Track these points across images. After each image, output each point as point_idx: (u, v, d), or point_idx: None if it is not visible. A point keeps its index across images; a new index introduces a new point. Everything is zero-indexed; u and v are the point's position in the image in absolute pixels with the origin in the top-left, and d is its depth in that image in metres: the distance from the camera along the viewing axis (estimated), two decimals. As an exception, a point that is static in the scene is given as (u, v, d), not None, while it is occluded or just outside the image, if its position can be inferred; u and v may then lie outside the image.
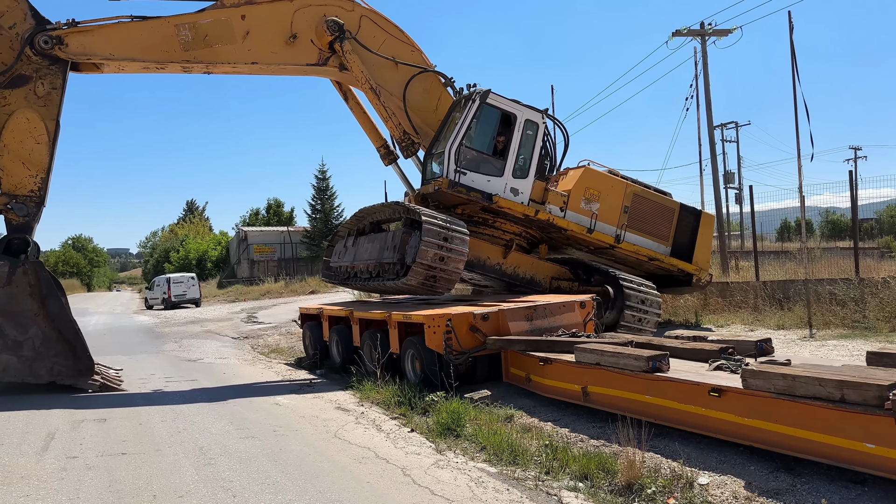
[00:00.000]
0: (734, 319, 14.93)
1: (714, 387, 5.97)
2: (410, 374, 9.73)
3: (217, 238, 70.26)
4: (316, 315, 13.62)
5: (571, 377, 7.66)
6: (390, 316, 10.22)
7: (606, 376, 7.10)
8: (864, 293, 13.34)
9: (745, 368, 5.85)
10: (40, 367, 10.34)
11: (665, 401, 6.46)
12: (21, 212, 10.65)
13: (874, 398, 4.82)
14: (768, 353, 7.20)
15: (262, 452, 6.77)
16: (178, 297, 39.56)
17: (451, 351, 8.95)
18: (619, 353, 6.97)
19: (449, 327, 9.01)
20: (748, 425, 5.70)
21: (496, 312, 9.37)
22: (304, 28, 12.10)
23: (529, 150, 12.58)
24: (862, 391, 4.89)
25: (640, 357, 6.67)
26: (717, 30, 25.66)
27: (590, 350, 7.37)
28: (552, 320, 9.57)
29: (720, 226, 23.81)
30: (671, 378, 6.42)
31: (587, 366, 7.35)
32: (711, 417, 6.02)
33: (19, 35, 10.62)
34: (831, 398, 5.07)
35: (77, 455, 6.89)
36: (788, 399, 5.34)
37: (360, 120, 14.24)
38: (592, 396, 7.33)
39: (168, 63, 11.50)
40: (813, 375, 5.25)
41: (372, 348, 10.73)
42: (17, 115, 10.62)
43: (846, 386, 4.99)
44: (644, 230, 13.75)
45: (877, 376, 5.17)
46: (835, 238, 37.78)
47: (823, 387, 5.12)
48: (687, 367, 6.84)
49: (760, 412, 5.60)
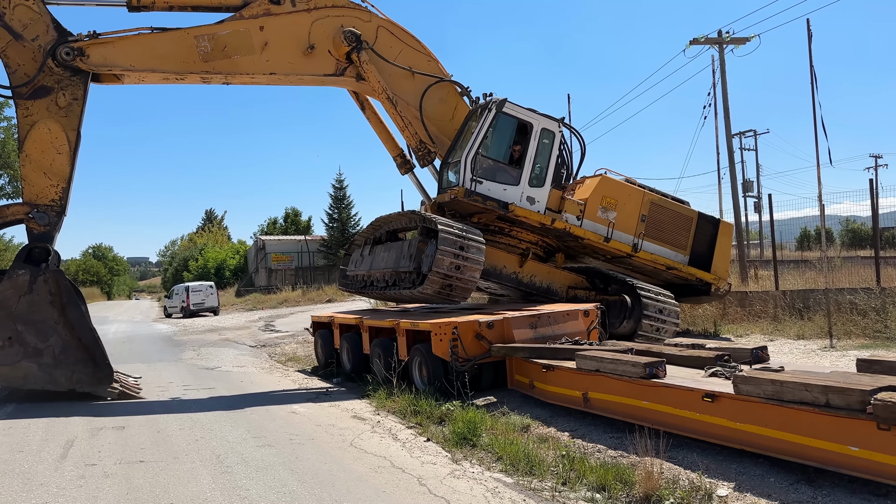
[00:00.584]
0: (754, 329, 14.77)
1: (707, 392, 6.17)
2: (418, 380, 9.85)
3: (235, 247, 70.71)
4: (327, 323, 13.78)
5: (573, 383, 7.88)
6: (398, 324, 10.39)
7: (606, 382, 7.31)
8: (886, 303, 13.15)
9: (737, 375, 6.11)
10: (60, 375, 10.44)
11: (662, 406, 6.64)
12: (42, 221, 10.79)
13: (857, 403, 5.02)
14: (763, 361, 7.35)
15: (278, 461, 6.78)
16: (196, 306, 39.83)
17: (457, 358, 9.12)
18: (617, 360, 7.18)
19: (455, 335, 9.20)
20: (740, 429, 5.88)
21: (501, 320, 9.52)
22: (321, 39, 12.21)
23: (546, 158, 12.56)
24: (845, 396, 5.10)
25: (637, 364, 6.88)
26: (735, 38, 25.52)
27: (590, 357, 7.58)
28: (556, 328, 9.75)
29: (739, 234, 23.61)
30: (667, 384, 6.63)
31: (587, 372, 7.57)
32: (705, 422, 6.20)
33: (41, 47, 10.80)
34: (817, 403, 5.28)
35: (95, 462, 6.95)
36: (777, 404, 5.55)
37: (377, 129, 14.31)
38: (592, 402, 7.54)
39: (187, 74, 11.64)
40: (800, 381, 5.46)
41: (381, 355, 10.87)
42: (38, 126, 10.78)
43: (831, 391, 5.20)
44: (662, 239, 13.66)
45: (861, 382, 5.32)
46: (855, 247, 37.29)
47: (809, 392, 5.34)
48: (683, 374, 7.03)
49: (751, 417, 5.79)
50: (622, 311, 12.50)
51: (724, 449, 6.10)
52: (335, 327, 13.19)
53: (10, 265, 10.83)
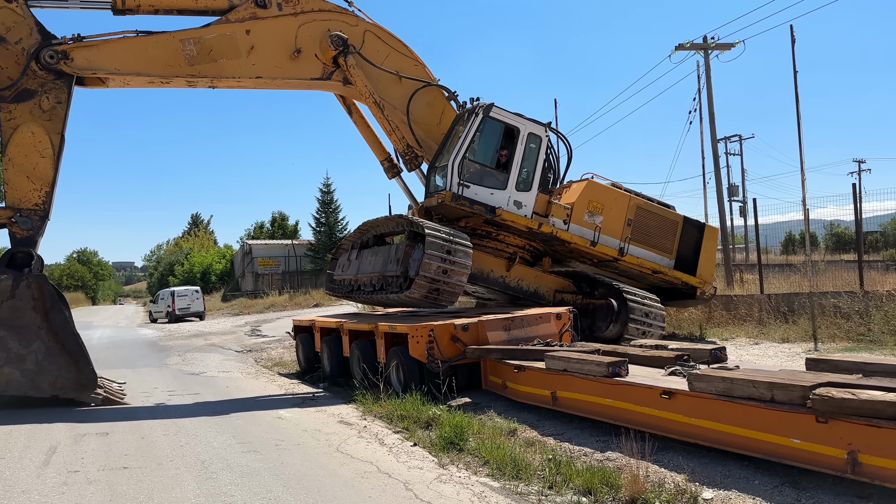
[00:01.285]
0: (739, 333, 14.86)
1: (665, 390, 6.49)
2: (395, 382, 10.05)
3: (221, 251, 70.35)
4: (308, 327, 13.96)
5: (542, 383, 8.21)
6: (377, 327, 10.69)
7: (573, 381, 7.65)
8: (869, 306, 13.28)
9: (691, 373, 6.49)
10: (43, 381, 10.33)
11: (623, 403, 6.98)
12: (25, 225, 10.69)
13: (798, 398, 5.37)
14: (722, 361, 7.63)
15: (263, 467, 6.74)
16: (182, 311, 39.57)
17: (433, 360, 9.38)
18: (583, 360, 7.52)
19: (431, 337, 9.46)
20: (695, 424, 6.21)
21: (476, 323, 9.82)
22: (308, 43, 12.18)
23: (532, 163, 12.60)
24: (788, 391, 5.45)
25: (601, 363, 7.22)
26: (720, 44, 25.71)
27: (558, 357, 7.94)
28: (529, 331, 10.07)
29: (724, 239, 23.76)
30: (629, 382, 6.96)
31: (556, 372, 7.91)
32: (663, 418, 6.51)
33: (25, 50, 10.71)
34: (763, 398, 5.62)
35: (78, 469, 6.87)
36: (728, 400, 5.88)
37: (364, 133, 14.30)
38: (561, 401, 7.86)
39: (173, 77, 11.58)
40: (747, 378, 5.81)
41: (360, 358, 11.17)
42: (22, 129, 10.69)
43: (775, 387, 5.54)
44: (648, 243, 13.73)
45: (804, 379, 5.69)
46: (839, 251, 37.65)
47: (756, 388, 5.68)
48: (644, 373, 7.36)
49: (705, 412, 6.12)
50: (609, 315, 12.55)
51: (709, 452, 6.13)
52: (316, 331, 13.38)
53: (-7, 270, 10.71)
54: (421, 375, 9.55)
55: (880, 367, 6.31)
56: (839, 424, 5.08)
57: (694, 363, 7.40)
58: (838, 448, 5.09)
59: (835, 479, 5.21)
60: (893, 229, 42.19)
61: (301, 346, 14.33)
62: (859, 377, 5.88)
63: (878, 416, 4.86)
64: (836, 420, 5.10)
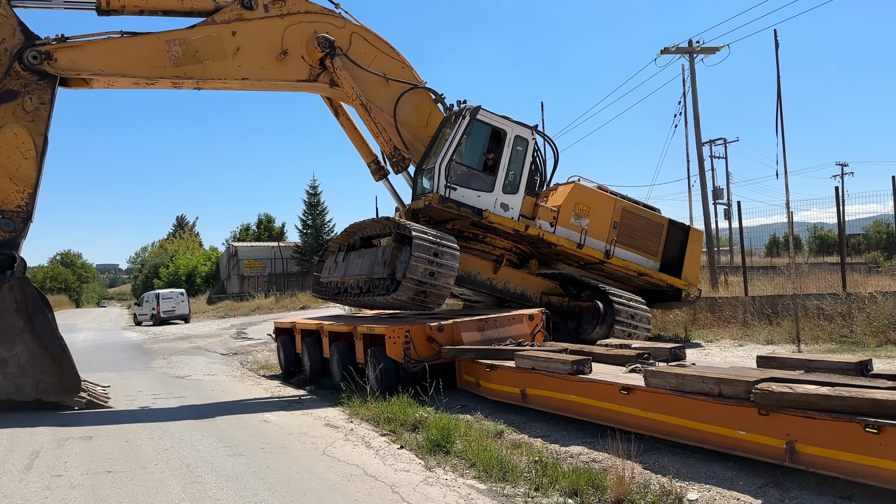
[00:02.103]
0: (723, 335, 14.97)
1: (624, 386, 6.85)
2: (373, 381, 10.23)
3: (207, 253, 70.00)
4: (289, 329, 14.20)
5: (512, 381, 8.59)
6: (356, 328, 11.07)
7: (540, 379, 8.02)
8: (852, 308, 13.42)
9: (647, 369, 6.77)
10: (26, 385, 10.22)
11: (587, 399, 7.34)
12: (8, 227, 10.58)
13: (743, 392, 5.69)
14: (681, 359, 7.96)
15: (249, 470, 6.71)
16: (167, 313, 39.27)
17: (409, 360, 9.75)
18: (550, 359, 7.87)
19: (407, 338, 9.85)
20: (651, 418, 6.55)
21: (450, 324, 10.18)
22: (294, 44, 12.15)
23: (519, 165, 12.64)
24: (733, 386, 5.79)
25: (566, 361, 7.56)
26: (705, 48, 25.92)
27: (527, 356, 8.30)
28: (502, 331, 10.39)
29: (709, 241, 23.94)
30: (591, 379, 7.33)
31: (525, 370, 8.28)
32: (623, 412, 6.86)
33: (8, 50, 10.61)
34: (712, 393, 5.95)
35: (62, 473, 6.81)
36: (680, 395, 6.23)
37: (351, 136, 14.28)
38: (529, 398, 8.22)
39: (158, 79, 11.51)
40: (698, 374, 6.16)
41: (339, 359, 11.49)
42: (4, 131, 10.59)
43: (722, 382, 5.88)
44: (633, 245, 13.81)
45: (749, 374, 6.03)
46: (823, 253, 38.03)
47: (705, 384, 6.03)
48: (607, 371, 7.71)
49: (660, 407, 6.45)
50: (595, 317, 12.61)
51: (694, 453, 6.17)
52: (297, 333, 13.62)
53: (-26, 272, 10.59)
54: (397, 375, 9.84)
55: (822, 364, 6.68)
56: (778, 416, 5.42)
57: (654, 361, 7.69)
58: (778, 438, 5.43)
59: (818, 480, 5.26)
60: (876, 232, 42.62)
61: (282, 348, 14.56)
62: (801, 373, 6.21)
63: (812, 408, 5.19)
64: (775, 412, 5.43)
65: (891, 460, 4.73)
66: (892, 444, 4.72)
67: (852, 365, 6.44)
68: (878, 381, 5.53)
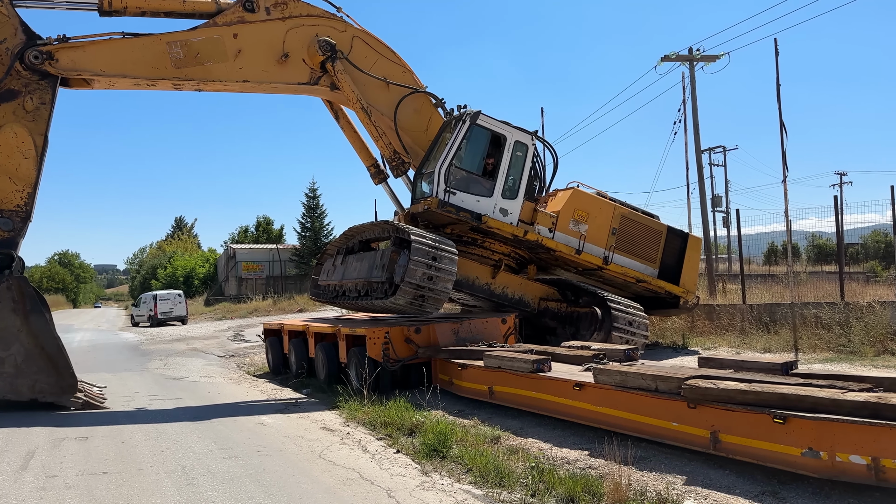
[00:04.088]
0: (721, 342, 14.97)
1: (577, 382, 7.57)
2: (354, 380, 10.57)
3: (205, 255, 69.90)
4: (277, 330, 14.89)
5: (481, 379, 9.28)
6: (339, 330, 11.66)
7: (505, 377, 8.75)
8: (850, 317, 13.41)
9: (595, 367, 7.50)
10: (22, 385, 10.20)
11: (545, 395, 8.04)
12: (6, 227, 10.57)
13: (675, 387, 6.37)
14: (633, 360, 8.53)
15: (245, 473, 6.69)
16: (164, 315, 39.21)
17: (388, 359, 10.43)
18: (514, 358, 8.61)
19: (387, 339, 10.56)
20: (600, 412, 7.24)
21: (427, 327, 10.96)
22: (295, 47, 12.17)
23: (519, 171, 12.65)
24: (667, 382, 6.48)
25: (527, 360, 8.30)
26: (705, 55, 25.97)
27: (494, 356, 9.08)
28: (476, 334, 11.14)
29: (707, 249, 23.95)
30: (549, 377, 8.06)
31: (492, 369, 9.01)
32: (576, 406, 7.57)
33: (9, 50, 10.61)
34: (650, 388, 6.64)
35: (57, 474, 6.79)
36: (623, 390, 6.93)
37: (351, 139, 14.29)
38: (496, 394, 8.94)
39: (159, 80, 11.51)
40: (638, 372, 6.84)
41: (324, 359, 12.15)
42: (5, 130, 10.58)
43: (659, 379, 6.57)
44: (632, 252, 13.82)
45: (682, 372, 6.75)
46: (821, 262, 38.00)
47: (644, 380, 6.69)
48: (565, 369, 8.40)
49: (607, 401, 7.15)
50: (593, 323, 12.59)
51: (692, 460, 6.17)
52: (284, 334, 14.26)
53: (-28, 271, 10.57)
54: (378, 373, 10.26)
55: (753, 364, 7.29)
56: (704, 409, 6.07)
57: (607, 360, 8.27)
58: (704, 429, 6.07)
59: (815, 488, 5.26)
60: (874, 241, 42.66)
61: (270, 348, 15.18)
62: (730, 371, 6.82)
63: (731, 402, 5.86)
64: (702, 406, 6.09)
65: (794, 447, 5.35)
66: (796, 433, 5.35)
67: (778, 365, 7.00)
68: (792, 379, 6.18)
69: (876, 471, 4.90)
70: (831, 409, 5.23)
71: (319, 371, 12.34)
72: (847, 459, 5.05)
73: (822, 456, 5.18)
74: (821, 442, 5.20)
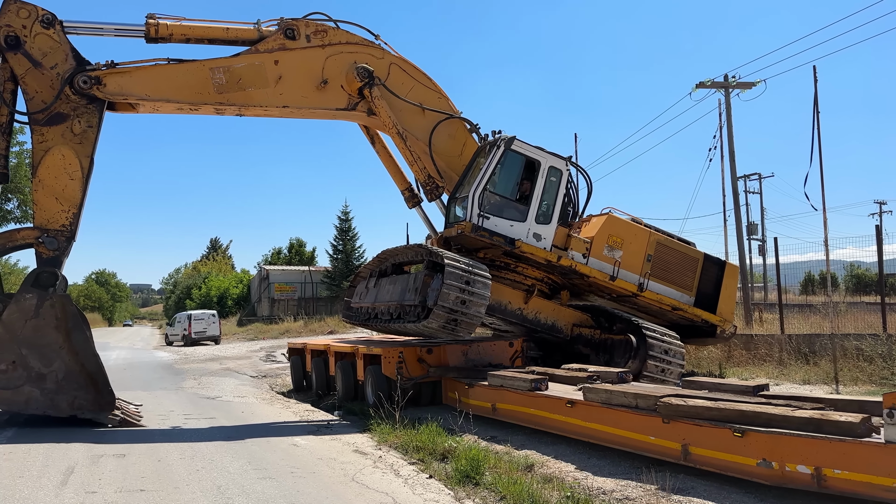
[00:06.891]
0: (759, 373, 14.68)
1: (569, 399, 8.27)
2: (370, 396, 11.56)
3: (239, 276, 70.77)
4: (301, 349, 15.90)
5: (486, 397, 10.08)
6: (357, 349, 12.45)
7: (507, 395, 9.53)
8: (893, 349, 13.07)
9: (584, 386, 8.25)
10: (62, 401, 10.39)
11: (541, 412, 8.78)
12: (52, 246, 10.84)
13: (652, 404, 7.07)
14: (626, 381, 9.06)
15: (279, 493, 6.72)
16: (198, 334, 39.73)
17: (402, 377, 11.05)
18: (514, 378, 9.42)
19: (401, 358, 11.27)
20: (590, 427, 7.90)
21: (439, 347, 11.71)
22: (334, 74, 12.39)
23: (553, 196, 12.65)
24: (646, 400, 7.18)
25: (526, 380, 9.10)
26: (741, 83, 25.79)
27: (497, 375, 9.86)
28: (483, 356, 11.87)
29: (744, 277, 23.56)
30: (545, 394, 8.79)
31: (495, 387, 9.80)
32: (568, 422, 8.24)
33: (60, 75, 10.97)
34: (631, 405, 7.34)
35: (96, 490, 6.88)
36: (609, 407, 7.63)
37: (386, 163, 14.44)
38: (498, 410, 9.71)
39: (202, 105, 11.81)
40: (621, 391, 7.60)
41: (343, 377, 12.93)
42: (53, 152, 10.91)
43: (639, 397, 7.30)
44: (667, 279, 13.66)
45: (660, 391, 7.51)
46: (860, 293, 37.12)
47: (626, 398, 7.43)
48: (561, 389, 9.10)
49: (595, 417, 7.83)
50: (627, 351, 12.43)
51: (732, 490, 6.05)
52: (307, 352, 15.18)
53: (18, 289, 10.85)
54: (391, 391, 10.54)
55: (728, 387, 8.03)
56: (677, 424, 6.76)
57: (600, 381, 8.87)
58: (676, 442, 6.72)
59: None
60: (915, 272, 41.60)
61: (294, 367, 16.16)
62: (705, 392, 7.51)
63: (699, 417, 6.55)
64: (674, 420, 6.78)
65: (751, 458, 5.99)
66: (752, 446, 6.00)
67: (750, 388, 7.71)
68: (756, 399, 6.80)
69: (818, 479, 5.52)
70: (782, 424, 5.89)
71: (339, 388, 13.05)
72: (795, 469, 5.67)
73: (774, 466, 5.80)
74: (773, 453, 5.83)
